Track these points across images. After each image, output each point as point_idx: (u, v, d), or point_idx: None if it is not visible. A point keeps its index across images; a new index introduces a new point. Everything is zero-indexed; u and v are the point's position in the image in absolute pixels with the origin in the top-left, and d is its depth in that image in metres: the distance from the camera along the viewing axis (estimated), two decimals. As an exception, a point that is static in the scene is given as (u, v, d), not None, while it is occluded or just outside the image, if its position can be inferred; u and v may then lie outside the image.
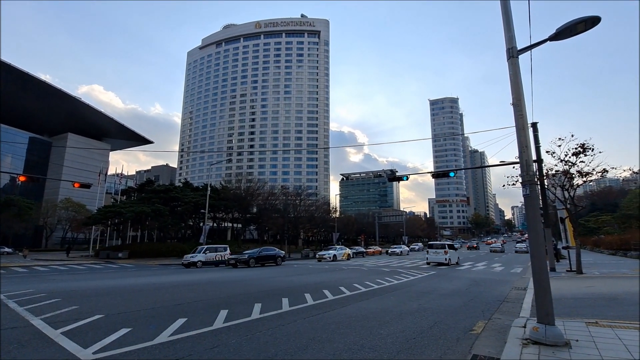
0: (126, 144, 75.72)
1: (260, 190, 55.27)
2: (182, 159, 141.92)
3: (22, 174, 47.13)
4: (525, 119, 5.65)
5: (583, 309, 7.91)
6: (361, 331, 6.10)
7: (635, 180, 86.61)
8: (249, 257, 25.21)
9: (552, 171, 16.98)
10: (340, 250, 34.75)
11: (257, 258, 25.75)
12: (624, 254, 29.82)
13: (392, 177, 20.61)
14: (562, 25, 5.64)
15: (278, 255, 27.85)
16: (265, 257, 26.71)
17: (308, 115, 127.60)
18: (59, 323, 6.61)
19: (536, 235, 5.43)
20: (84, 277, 17.54)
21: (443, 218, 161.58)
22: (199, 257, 25.78)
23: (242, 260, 24.84)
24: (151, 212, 39.10)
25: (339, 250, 34.33)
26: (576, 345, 4.84)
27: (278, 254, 27.85)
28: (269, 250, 28.20)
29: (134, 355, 4.79)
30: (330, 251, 34.11)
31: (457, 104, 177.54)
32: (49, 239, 55.31)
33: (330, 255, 32.48)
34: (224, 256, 27.20)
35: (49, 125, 63.64)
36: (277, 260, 27.28)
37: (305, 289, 11.50)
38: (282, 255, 28.57)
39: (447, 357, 4.80)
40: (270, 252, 27.66)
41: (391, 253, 45.85)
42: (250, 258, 25.27)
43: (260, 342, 5.38)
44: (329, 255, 32.60)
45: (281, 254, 28.38)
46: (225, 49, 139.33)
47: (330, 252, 33.23)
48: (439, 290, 11.60)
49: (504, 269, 21.45)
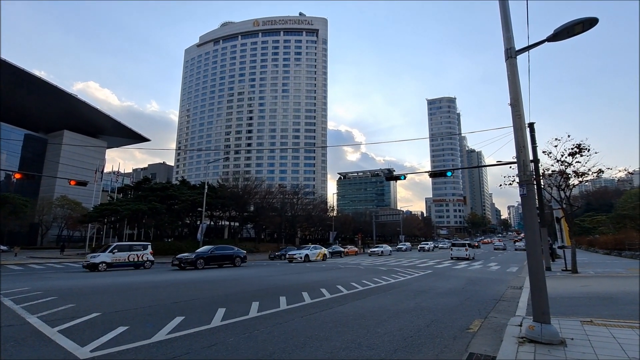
0: (123, 142, 75.25)
1: (258, 188, 55.19)
2: (179, 157, 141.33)
3: (17, 171, 46.78)
4: (523, 119, 5.68)
5: (578, 308, 7.99)
6: (358, 329, 6.12)
7: (630, 181, 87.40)
8: (196, 258, 21.36)
9: (549, 171, 17.09)
10: (314, 249, 31.51)
11: (207, 259, 22.18)
12: (619, 253, 30.09)
13: (389, 176, 20.62)
14: (560, 26, 5.67)
15: (237, 255, 24.33)
16: (218, 257, 23.17)
17: (306, 114, 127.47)
18: (55, 321, 6.59)
19: (533, 235, 5.47)
20: (80, 275, 17.47)
21: (440, 217, 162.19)
22: (103, 258, 20.57)
23: (188, 261, 21.00)
24: (148, 210, 38.94)
25: (312, 250, 31.20)
26: (571, 343, 4.89)
27: (237, 254, 24.37)
28: (224, 249, 24.48)
29: (132, 353, 4.78)
30: (302, 251, 30.92)
31: (454, 104, 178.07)
32: (45, 236, 54.93)
33: (301, 256, 29.28)
34: (142, 256, 22.44)
35: (44, 122, 63.13)
36: (234, 261, 23.94)
37: (302, 288, 11.52)
38: (243, 255, 24.92)
39: (444, 355, 4.84)
40: (227, 252, 24.09)
41: (371, 253, 42.48)
42: (198, 258, 21.42)
43: (258, 341, 5.39)
44: (300, 255, 29.40)
45: (241, 253, 24.77)
46: (223, 47, 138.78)
47: (302, 252, 30.14)
48: (435, 289, 11.65)
49: (500, 268, 21.58)
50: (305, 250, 30.89)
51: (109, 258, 20.86)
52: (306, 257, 29.48)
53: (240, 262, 24.32)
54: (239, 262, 24.17)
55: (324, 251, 32.43)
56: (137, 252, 22.49)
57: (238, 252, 24.60)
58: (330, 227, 58.82)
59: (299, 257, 29.18)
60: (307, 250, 30.88)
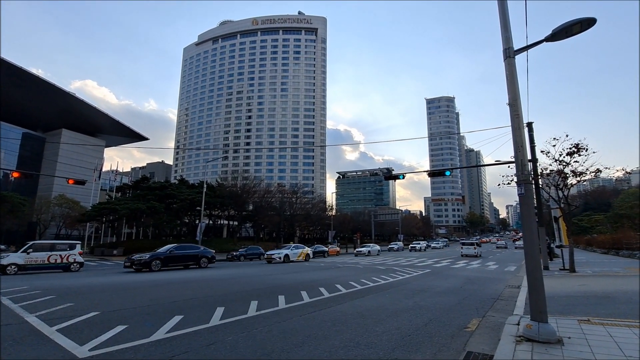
0: (121, 141, 75.06)
1: (257, 187, 55.19)
2: (177, 156, 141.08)
3: (15, 170, 46.62)
4: (521, 118, 5.70)
5: (576, 307, 8.02)
6: (357, 328, 6.14)
7: (628, 180, 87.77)
8: (151, 258, 19.02)
9: (547, 171, 17.13)
10: (295, 249, 29.31)
11: (166, 259, 19.81)
12: (616, 253, 30.20)
13: (388, 175, 20.66)
14: (559, 26, 5.69)
15: (203, 255, 22.18)
16: (180, 257, 20.82)
17: (305, 113, 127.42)
18: (54, 320, 6.59)
19: (531, 234, 5.49)
20: (78, 274, 17.44)
21: (438, 216, 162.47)
22: (13, 259, 17.80)
23: (141, 262, 18.66)
24: (146, 209, 38.90)
25: (293, 250, 28.93)
26: (568, 342, 4.92)
27: (203, 254, 22.25)
28: (187, 248, 22.23)
29: (131, 352, 4.78)
30: (282, 250, 28.74)
31: (453, 103, 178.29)
32: (43, 235, 54.73)
33: (280, 256, 27.12)
34: (68, 257, 19.43)
35: (42, 121, 62.89)
36: (200, 261, 21.78)
37: (301, 287, 11.54)
38: (211, 255, 22.74)
39: (442, 354, 4.86)
40: (190, 251, 21.83)
41: (357, 253, 39.93)
42: (153, 259, 19.07)
43: (256, 340, 5.40)
44: (279, 255, 27.25)
45: (208, 253, 22.61)
46: (222, 46, 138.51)
47: (282, 252, 27.94)
48: (434, 288, 11.69)
49: (498, 267, 21.64)
50: (285, 250, 28.68)
51: (22, 259, 17.97)
52: (286, 257, 27.36)
53: (207, 262, 22.25)
54: (205, 262, 22.09)
55: (306, 251, 30.10)
56: (61, 252, 19.45)
57: (204, 252, 22.47)
58: (329, 226, 58.82)
59: (278, 257, 27.04)
60: (287, 250, 28.65)
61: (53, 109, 59.52)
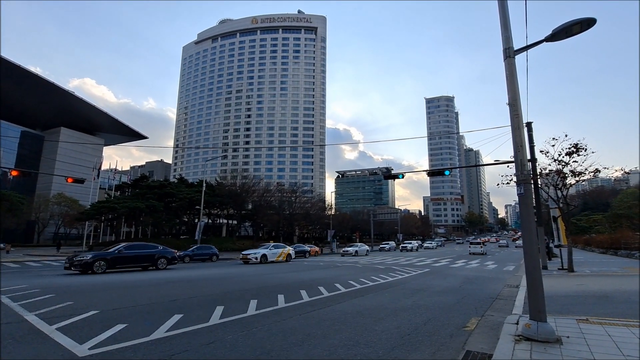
0: (120, 139, 75.00)
1: (256, 186, 55.18)
2: (176, 154, 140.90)
3: (14, 168, 46.56)
4: (521, 118, 5.70)
5: (574, 306, 8.05)
6: (356, 327, 6.15)
7: (626, 180, 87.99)
8: (94, 259, 16.54)
9: (546, 170, 17.15)
10: (275, 248, 26.85)
11: (113, 260, 17.32)
12: (615, 252, 30.29)
13: (387, 175, 20.66)
14: (559, 27, 5.69)
15: (161, 255, 19.36)
16: (131, 258, 18.05)
17: (304, 112, 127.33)
18: (53, 319, 6.58)
19: (530, 234, 5.51)
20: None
21: (437, 216, 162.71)
22: None
23: (82, 263, 16.26)
24: (145, 208, 38.87)
25: (272, 249, 26.43)
26: (567, 341, 4.93)
27: (161, 254, 19.42)
28: (140, 247, 19.20)
29: (130, 350, 4.79)
30: (259, 250, 26.11)
31: (452, 103, 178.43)
32: (41, 234, 54.71)
33: (257, 256, 24.57)
34: None
35: (41, 119, 62.78)
36: (157, 262, 18.97)
37: (300, 286, 11.55)
38: (171, 256, 20.01)
39: (441, 353, 4.87)
40: (144, 251, 18.90)
41: (344, 253, 37.58)
42: (96, 260, 16.57)
43: (256, 338, 5.41)
44: (256, 255, 24.70)
45: (168, 253, 19.92)
46: (222, 44, 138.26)
47: (259, 252, 25.32)
48: (432, 288, 11.71)
49: (497, 266, 21.69)
50: (263, 249, 26.05)
51: None
52: (263, 257, 24.84)
53: (167, 264, 19.50)
54: (164, 264, 19.35)
55: (287, 251, 27.67)
56: None
57: (163, 252, 19.74)
58: (328, 225, 58.80)
59: (254, 257, 24.47)
60: (264, 249, 26.05)
61: (52, 107, 59.40)
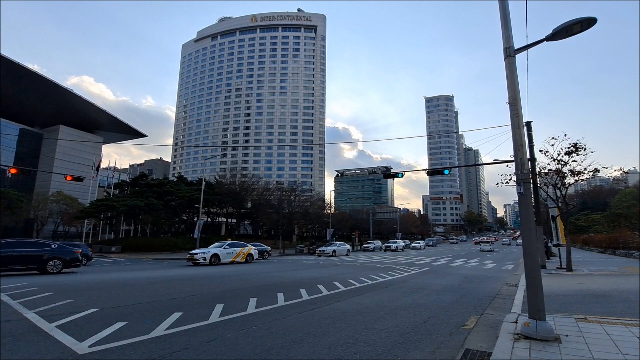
0: (119, 137, 74.77)
1: (255, 185, 55.22)
2: (176, 153, 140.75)
3: (12, 166, 46.40)
4: (521, 118, 5.71)
5: (572, 305, 8.08)
6: (356, 326, 6.17)
7: (625, 180, 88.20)
8: None
9: (545, 170, 17.19)
10: (231, 247, 22.85)
11: None
12: (613, 252, 30.39)
13: (387, 174, 20.61)
14: (559, 26, 5.69)
15: (53, 256, 15.11)
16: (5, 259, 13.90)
17: (303, 111, 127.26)
18: (53, 316, 6.58)
19: (529, 233, 5.52)
20: (76, 270, 17.39)
21: (437, 215, 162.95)
22: None
23: None
24: (145, 206, 38.84)
25: (227, 249, 22.43)
26: (566, 340, 4.96)
27: (54, 254, 15.18)
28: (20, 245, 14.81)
29: (130, 348, 4.79)
30: (208, 249, 22.04)
31: (452, 102, 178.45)
32: (40, 232, 54.58)
33: (206, 256, 20.72)
34: None
35: (40, 117, 62.57)
36: (46, 264, 14.86)
37: (300, 284, 11.57)
38: (69, 257, 15.68)
39: (440, 351, 4.89)
40: (24, 251, 14.57)
41: (320, 253, 33.79)
42: None
43: (256, 336, 5.42)
44: (205, 255, 20.77)
45: (66, 254, 15.65)
46: (221, 42, 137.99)
47: (208, 251, 21.37)
48: (432, 286, 11.74)
49: (496, 265, 21.75)
50: (215, 249, 22.02)
51: None
52: (215, 257, 21.03)
53: (62, 266, 15.39)
54: (57, 267, 15.18)
55: (248, 250, 23.71)
56: None
57: (57, 252, 15.37)
58: (327, 224, 58.87)
59: (202, 258, 20.67)
60: (217, 249, 22.03)
61: (51, 105, 59.23)
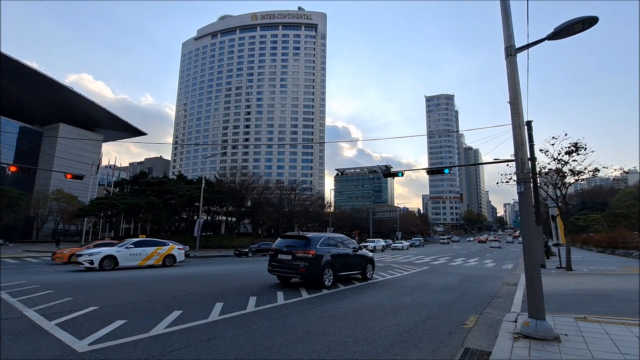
0: (119, 135, 74.67)
1: (255, 184, 55.11)
2: (176, 151, 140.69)
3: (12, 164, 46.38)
4: (522, 117, 5.70)
5: (572, 304, 8.09)
6: (355, 325, 6.17)
7: (625, 180, 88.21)
8: None
9: (545, 169, 17.18)
10: (138, 247, 17.31)
11: None
12: (612, 251, 30.41)
13: (387, 173, 20.66)
14: (560, 25, 5.67)
15: None
16: None
17: (304, 110, 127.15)
18: (53, 314, 6.58)
19: (529, 233, 5.52)
20: (75, 269, 17.39)
21: (436, 214, 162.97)
22: None
23: None
24: (145, 205, 38.84)
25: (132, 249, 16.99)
26: (565, 339, 4.96)
27: None
28: None
29: (130, 346, 4.79)
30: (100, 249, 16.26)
31: (452, 101, 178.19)
32: (40, 230, 54.63)
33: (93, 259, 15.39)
34: None
35: (40, 115, 62.48)
36: None
37: (300, 283, 11.56)
38: None
39: (440, 350, 4.90)
40: None
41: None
42: None
43: (256, 335, 5.42)
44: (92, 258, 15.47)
45: None
46: (221, 41, 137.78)
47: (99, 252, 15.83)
48: (431, 285, 11.74)
49: (495, 265, 21.76)
50: (112, 248, 16.62)
51: None
52: (108, 261, 15.81)
53: None
54: None
55: (168, 251, 18.52)
56: None
57: None
58: (327, 223, 58.89)
59: (88, 261, 15.41)
60: (115, 248, 16.71)
61: (50, 103, 59.14)
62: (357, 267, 12.32)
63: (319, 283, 10.34)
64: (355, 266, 12.23)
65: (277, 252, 10.89)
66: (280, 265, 10.71)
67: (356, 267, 12.27)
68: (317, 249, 10.47)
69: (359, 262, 12.37)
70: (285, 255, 10.61)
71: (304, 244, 10.58)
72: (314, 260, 10.19)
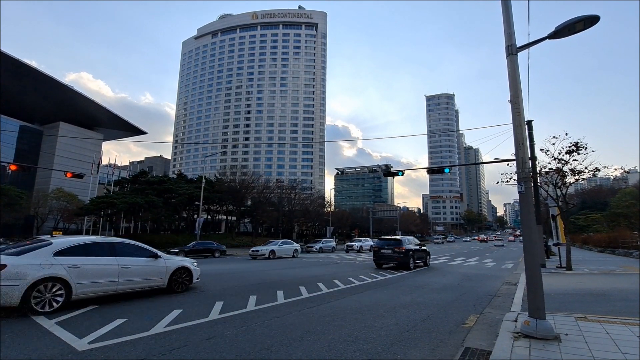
0: (119, 134, 74.58)
1: (255, 183, 55.10)
2: (176, 150, 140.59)
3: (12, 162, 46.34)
4: (523, 116, 5.69)
5: (572, 304, 8.08)
6: (355, 324, 6.17)
7: (625, 180, 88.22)
8: None
9: (546, 169, 17.16)
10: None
11: None
12: (612, 251, 30.40)
13: (387, 172, 20.63)
14: (562, 24, 5.66)
15: None
16: None
17: (304, 109, 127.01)
18: (53, 313, 6.59)
19: (530, 232, 5.51)
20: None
21: (436, 214, 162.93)
22: None
23: None
24: (145, 204, 38.82)
25: None
26: (565, 339, 4.96)
27: None
28: None
29: (130, 345, 4.79)
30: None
31: (452, 100, 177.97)
32: (40, 229, 54.57)
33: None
34: None
35: (40, 114, 62.42)
36: None
37: (300, 282, 11.57)
38: None
39: (439, 349, 4.89)
40: None
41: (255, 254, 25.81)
42: None
43: (256, 334, 5.42)
44: None
45: None
46: (222, 40, 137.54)
47: None
48: (431, 285, 11.74)
49: (495, 264, 21.75)
50: None
51: None
52: None
53: None
54: None
55: None
56: None
57: None
58: (327, 222, 58.89)
59: None
60: None
61: (50, 101, 59.07)
62: (424, 257, 18.71)
63: (407, 267, 16.52)
64: (423, 257, 18.56)
65: (380, 248, 17.56)
66: (383, 256, 17.27)
67: (423, 258, 18.65)
68: (406, 246, 16.74)
69: (424, 254, 18.72)
70: (387, 251, 17.18)
71: (398, 243, 16.96)
72: (405, 253, 16.52)
